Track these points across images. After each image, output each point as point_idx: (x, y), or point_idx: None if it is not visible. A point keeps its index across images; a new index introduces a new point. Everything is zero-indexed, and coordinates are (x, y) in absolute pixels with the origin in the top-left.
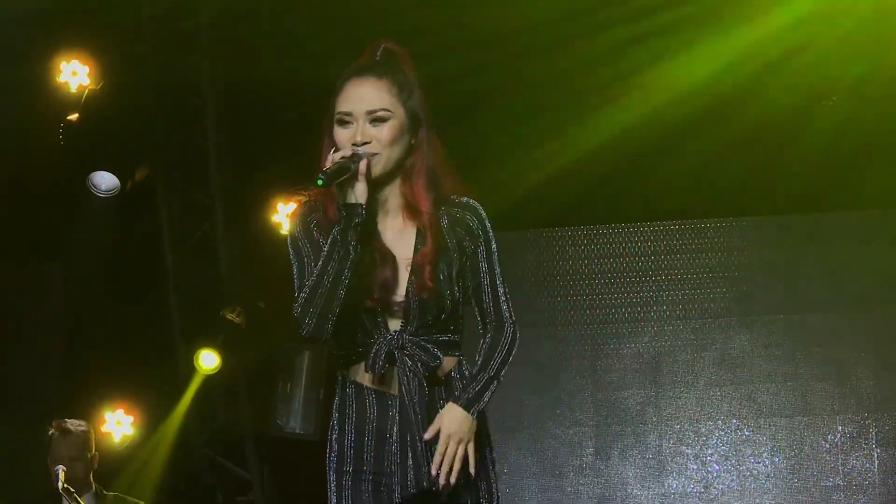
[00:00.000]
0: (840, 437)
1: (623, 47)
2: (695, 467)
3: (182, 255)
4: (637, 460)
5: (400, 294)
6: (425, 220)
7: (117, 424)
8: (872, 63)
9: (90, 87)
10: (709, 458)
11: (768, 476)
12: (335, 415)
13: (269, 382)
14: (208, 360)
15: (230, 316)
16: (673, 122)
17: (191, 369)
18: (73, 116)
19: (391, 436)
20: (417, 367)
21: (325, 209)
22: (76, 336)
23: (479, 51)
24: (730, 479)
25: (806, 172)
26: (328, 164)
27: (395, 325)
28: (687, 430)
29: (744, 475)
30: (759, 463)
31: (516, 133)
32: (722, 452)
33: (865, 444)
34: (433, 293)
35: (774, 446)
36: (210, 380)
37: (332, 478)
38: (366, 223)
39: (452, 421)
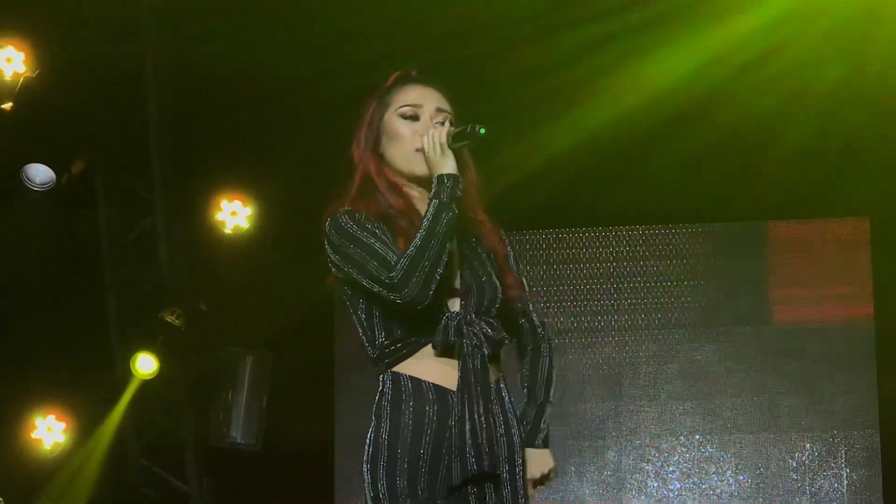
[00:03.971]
0: (808, 456)
1: (592, 47)
2: (655, 485)
3: (120, 252)
4: (595, 477)
5: (457, 282)
6: (481, 227)
7: (48, 431)
8: (851, 65)
9: (26, 75)
10: (670, 475)
11: (732, 495)
12: (387, 409)
13: (210, 389)
14: (146, 365)
15: (170, 318)
16: (643, 125)
17: (127, 374)
18: (7, 105)
19: (451, 435)
20: (482, 341)
21: (365, 208)
22: (5, 336)
23: (442, 51)
24: (692, 497)
25: (781, 178)
26: (431, 141)
27: (454, 307)
28: (648, 445)
29: (706, 494)
30: (722, 481)
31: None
32: (684, 470)
33: (834, 463)
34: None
35: (739, 464)
36: (147, 385)
37: (383, 480)
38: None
39: (544, 464)
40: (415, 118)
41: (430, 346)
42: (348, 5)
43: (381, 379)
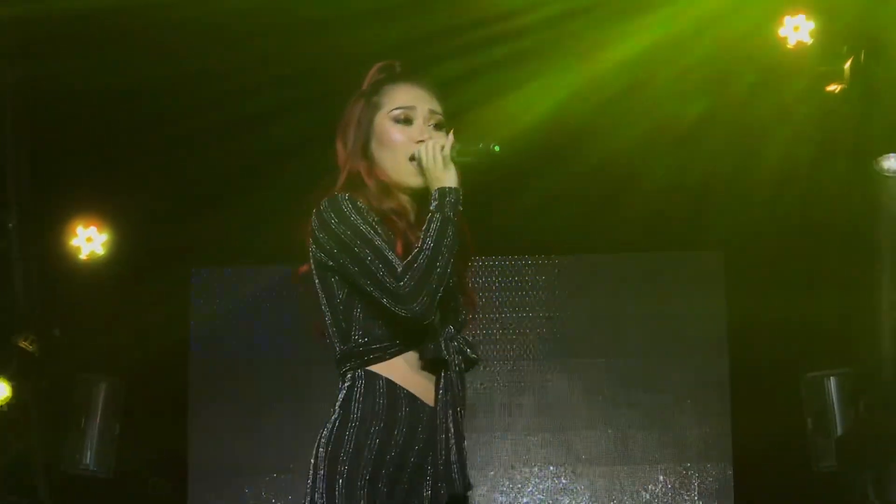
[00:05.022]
0: (661, 488)
1: (455, 83)
2: None
3: None
4: None
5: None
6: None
7: None
8: (711, 102)
9: None
10: None
11: None
12: (358, 405)
13: (63, 416)
14: None
15: (23, 343)
16: (506, 159)
17: None
18: None
19: (419, 446)
20: (461, 360)
21: (367, 199)
22: None
23: (306, 88)
24: None
25: (641, 212)
26: (430, 152)
27: (436, 320)
28: (501, 476)
29: None
30: None
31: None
32: (537, 501)
33: (687, 495)
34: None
35: (592, 496)
36: None
37: (344, 475)
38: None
39: None
40: (408, 122)
41: (407, 352)
42: (214, 39)
43: (349, 376)
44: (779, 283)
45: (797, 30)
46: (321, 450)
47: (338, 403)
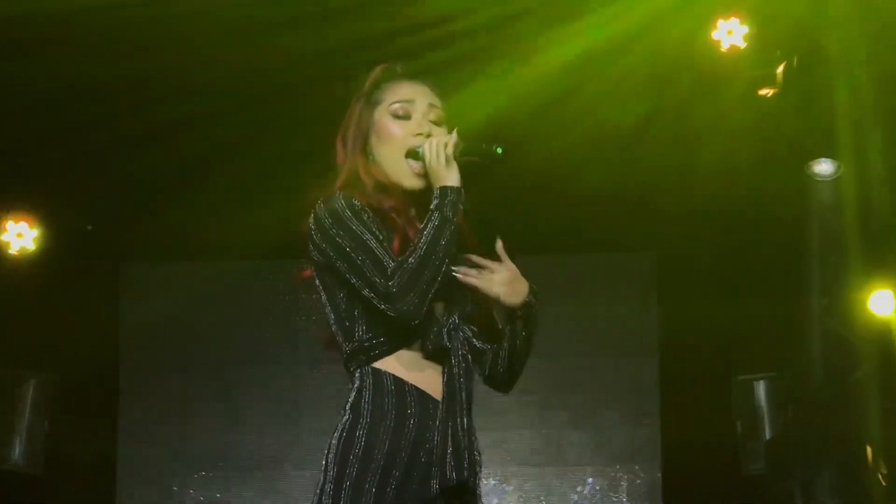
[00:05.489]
0: (589, 490)
1: None
2: None
3: None
4: None
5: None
6: (463, 234)
7: None
8: (648, 105)
9: None
10: None
11: None
12: (367, 407)
13: None
14: None
15: None
16: None
17: None
18: None
19: (429, 444)
20: (467, 351)
21: (365, 197)
22: None
23: (234, 89)
24: None
25: (576, 215)
26: (434, 149)
27: (439, 310)
28: None
29: None
30: None
31: (276, 180)
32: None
33: (616, 497)
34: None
35: (521, 496)
36: None
37: (352, 477)
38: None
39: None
40: (407, 117)
41: (412, 345)
42: (148, 40)
43: (357, 374)
44: (711, 287)
45: (731, 34)
46: (332, 452)
47: (348, 405)
